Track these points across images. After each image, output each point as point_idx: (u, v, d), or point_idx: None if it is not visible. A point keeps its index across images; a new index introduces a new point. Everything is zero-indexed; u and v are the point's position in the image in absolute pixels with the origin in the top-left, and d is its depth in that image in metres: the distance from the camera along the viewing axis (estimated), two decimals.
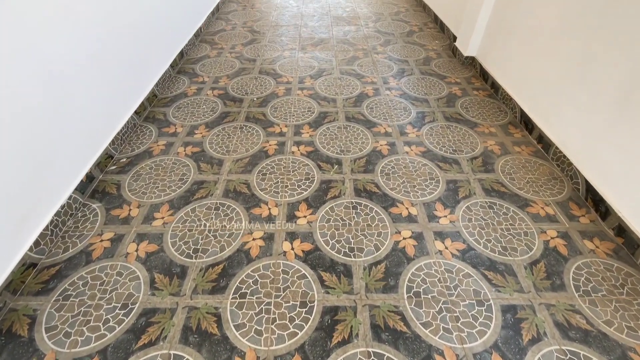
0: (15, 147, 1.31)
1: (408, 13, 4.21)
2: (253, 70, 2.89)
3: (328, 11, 4.23)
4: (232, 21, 3.91)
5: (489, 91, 2.64)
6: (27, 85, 1.36)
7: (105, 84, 1.90)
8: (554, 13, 1.97)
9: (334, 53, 3.20)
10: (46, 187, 1.49)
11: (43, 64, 1.44)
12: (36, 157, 1.43)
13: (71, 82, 1.62)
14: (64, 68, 1.57)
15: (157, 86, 2.50)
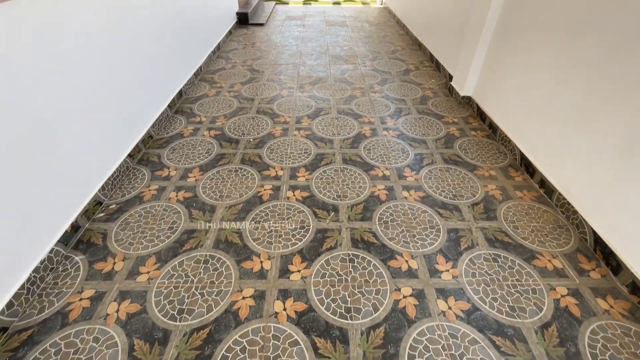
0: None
1: (404, 52, 4.32)
2: (251, 110, 2.90)
3: (326, 50, 4.35)
4: (233, 60, 4.00)
5: (487, 132, 2.63)
6: (13, 131, 1.32)
7: (99, 129, 1.88)
8: (549, 62, 1.98)
9: (331, 92, 3.23)
10: (27, 241, 1.41)
11: (31, 110, 1.42)
12: (20, 210, 1.37)
13: (62, 129, 1.59)
14: (54, 115, 1.55)
15: (153, 127, 2.50)
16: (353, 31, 5.15)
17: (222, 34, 4.48)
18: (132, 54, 2.23)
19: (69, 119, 1.64)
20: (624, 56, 1.50)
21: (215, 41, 4.16)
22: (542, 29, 2.05)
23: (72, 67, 1.67)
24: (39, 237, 1.48)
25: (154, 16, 2.54)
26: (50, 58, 1.52)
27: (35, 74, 1.43)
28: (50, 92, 1.52)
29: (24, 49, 1.37)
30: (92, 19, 1.84)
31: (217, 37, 4.26)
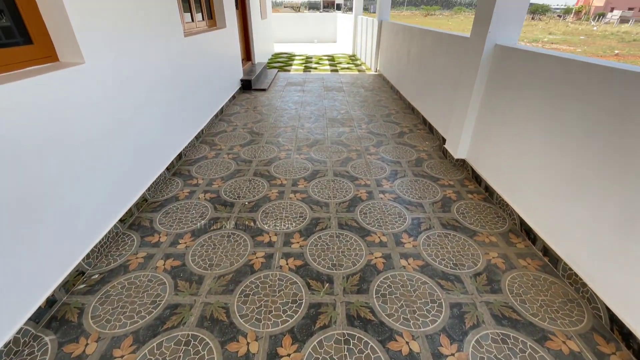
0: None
1: (398, 115, 4.53)
2: (248, 172, 2.93)
3: (324, 113, 4.57)
4: (234, 123, 4.18)
5: (484, 194, 2.62)
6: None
7: (92, 195, 1.87)
8: (537, 133, 2.05)
9: (328, 154, 3.31)
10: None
11: (15, 186, 1.41)
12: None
13: (51, 195, 1.58)
14: (43, 180, 1.54)
15: (149, 190, 2.50)
16: (349, 96, 5.47)
17: (226, 99, 4.76)
18: (137, 119, 2.32)
19: (58, 185, 1.64)
20: (607, 131, 1.54)
21: (219, 105, 4.40)
22: (526, 104, 2.15)
23: (71, 134, 1.72)
24: (8, 315, 1.37)
25: (162, 82, 2.71)
26: (56, 126, 1.57)
27: (28, 144, 1.46)
28: (45, 158, 1.54)
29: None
30: (96, 87, 1.94)
31: (221, 102, 4.51)
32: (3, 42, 1.56)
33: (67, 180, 1.69)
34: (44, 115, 1.54)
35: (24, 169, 1.43)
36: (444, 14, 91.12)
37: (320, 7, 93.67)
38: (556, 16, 76.55)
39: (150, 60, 2.55)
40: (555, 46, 20.34)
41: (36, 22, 1.67)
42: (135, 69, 2.33)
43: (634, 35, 27.03)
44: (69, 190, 1.69)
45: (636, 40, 23.83)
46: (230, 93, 5.02)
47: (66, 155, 1.68)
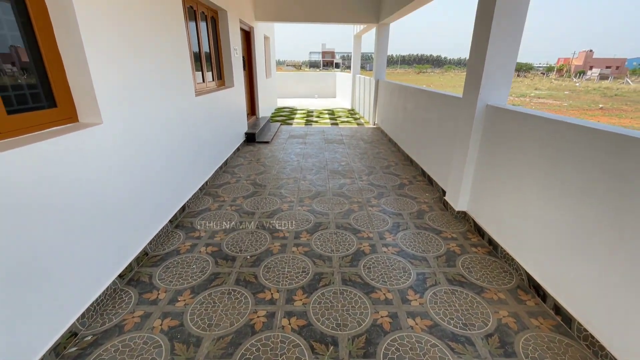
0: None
1: (397, 167, 4.66)
2: (250, 224, 2.94)
3: (325, 165, 4.70)
4: (238, 174, 4.28)
5: (488, 248, 2.60)
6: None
7: (93, 252, 1.86)
8: (535, 188, 2.11)
9: (330, 206, 3.34)
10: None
11: (16, 244, 1.41)
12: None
13: (49, 253, 1.57)
14: (37, 236, 1.54)
15: (150, 244, 2.48)
16: (350, 148, 5.68)
17: (230, 151, 4.93)
18: (145, 175, 2.40)
19: (59, 242, 1.64)
20: (603, 188, 1.59)
21: (224, 157, 4.54)
22: (521, 160, 2.25)
23: (80, 190, 1.76)
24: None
25: (172, 139, 2.84)
26: (48, 180, 1.62)
27: (26, 205, 1.50)
28: (52, 214, 1.57)
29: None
30: (110, 146, 2.03)
31: (226, 154, 4.67)
32: (31, 107, 1.68)
33: (70, 236, 1.70)
34: (58, 172, 1.61)
35: (29, 226, 1.45)
36: (435, 71, 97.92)
37: (320, 65, 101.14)
38: (540, 73, 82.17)
39: (162, 119, 2.71)
40: (543, 100, 21.54)
41: (62, 88, 1.82)
42: (147, 128, 2.46)
43: (615, 91, 28.80)
44: (70, 248, 1.69)
45: (618, 95, 25.32)
46: (235, 146, 5.21)
47: (72, 211, 1.71)
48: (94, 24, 1.85)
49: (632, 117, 15.31)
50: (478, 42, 2.66)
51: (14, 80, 1.62)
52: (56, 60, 1.77)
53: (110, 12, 2.01)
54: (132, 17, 2.25)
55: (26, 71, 1.68)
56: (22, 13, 1.61)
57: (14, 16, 1.59)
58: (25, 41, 1.64)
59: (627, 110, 17.55)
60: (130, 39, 2.22)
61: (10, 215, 1.35)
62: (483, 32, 2.57)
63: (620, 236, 1.50)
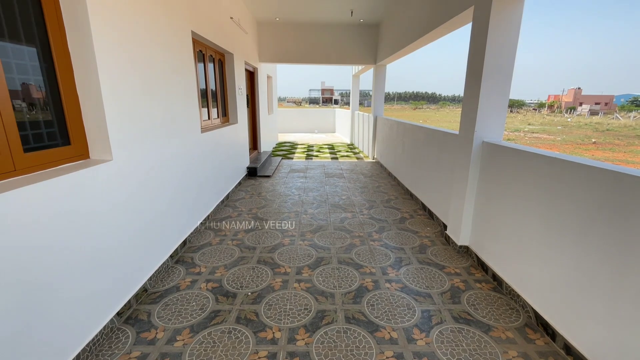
0: None
1: (398, 201, 4.69)
2: (251, 260, 2.91)
3: (326, 199, 4.74)
4: (239, 208, 4.30)
5: (492, 284, 2.56)
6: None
7: (93, 290, 1.84)
8: (535, 224, 2.13)
9: (331, 240, 3.33)
10: None
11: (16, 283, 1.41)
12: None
13: (46, 290, 1.55)
14: (38, 279, 1.53)
15: (150, 280, 2.44)
16: (350, 182, 5.75)
17: (232, 185, 4.99)
18: (150, 209, 2.42)
19: (57, 278, 1.63)
20: (603, 223, 1.62)
21: (225, 192, 4.59)
22: (519, 195, 2.30)
23: (86, 227, 1.78)
24: None
25: (176, 174, 2.90)
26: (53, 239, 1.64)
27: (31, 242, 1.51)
28: (57, 249, 1.57)
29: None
30: (118, 181, 2.08)
31: (228, 188, 4.72)
32: (46, 144, 1.75)
33: (71, 276, 1.69)
34: (66, 209, 1.64)
35: (31, 267, 1.45)
36: (430, 107, 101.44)
37: (319, 102, 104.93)
38: (532, 109, 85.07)
39: (169, 155, 2.79)
40: (537, 135, 22.10)
41: (78, 127, 1.91)
42: (154, 164, 2.53)
43: (606, 126, 29.66)
44: (70, 286, 1.68)
45: (609, 130, 26.05)
46: (237, 180, 5.29)
47: (75, 249, 1.72)
48: (112, 69, 1.98)
49: (625, 150, 15.66)
50: (471, 82, 2.82)
51: (33, 119, 1.70)
52: (74, 101, 1.87)
53: (129, 58, 2.16)
54: (148, 61, 2.41)
55: (45, 111, 1.77)
56: (46, 58, 1.74)
57: (39, 61, 1.71)
58: (47, 83, 1.76)
59: (620, 144, 18.00)
60: (145, 82, 2.36)
61: (15, 255, 1.36)
62: (475, 72, 2.74)
63: (624, 272, 1.50)
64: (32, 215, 1.43)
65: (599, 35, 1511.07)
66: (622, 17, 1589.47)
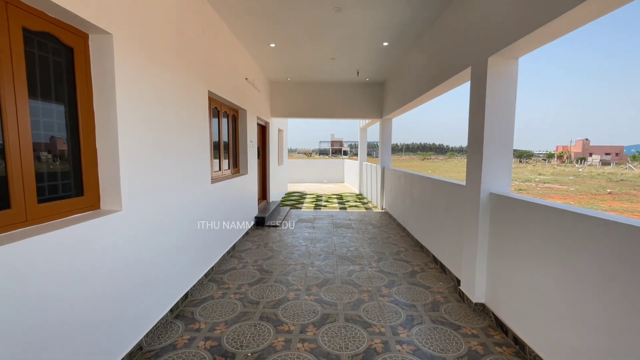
0: None
1: (408, 253, 4.54)
2: (254, 316, 2.77)
3: (334, 250, 4.62)
4: (245, 259, 4.22)
5: (514, 348, 2.34)
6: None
7: (87, 346, 1.75)
8: (554, 277, 2.01)
9: (338, 295, 3.17)
10: None
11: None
12: None
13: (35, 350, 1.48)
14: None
15: (147, 336, 2.33)
16: (358, 233, 5.65)
17: (239, 235, 4.96)
18: (154, 262, 2.40)
19: (48, 336, 1.57)
20: (622, 279, 1.51)
21: (232, 242, 4.55)
22: (532, 248, 2.20)
23: (80, 281, 1.76)
24: None
25: (183, 225, 2.91)
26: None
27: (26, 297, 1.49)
28: (48, 300, 1.54)
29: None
30: (125, 232, 2.10)
31: (234, 238, 4.68)
32: (60, 195, 1.82)
33: (65, 332, 1.63)
34: (70, 261, 1.64)
35: (29, 319, 1.42)
36: (438, 158, 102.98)
37: (329, 153, 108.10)
38: (541, 160, 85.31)
39: (177, 206, 2.84)
40: (549, 185, 21.82)
41: (92, 179, 1.99)
42: (162, 215, 2.57)
43: (620, 176, 29.22)
44: (62, 346, 1.61)
45: (623, 180, 25.60)
46: (244, 230, 5.26)
47: (74, 302, 1.68)
48: (129, 127, 2.12)
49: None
50: (474, 134, 2.88)
51: (52, 171, 1.79)
52: (92, 155, 1.98)
53: (145, 116, 2.32)
54: (164, 119, 2.58)
55: (64, 164, 1.87)
56: (72, 115, 1.88)
57: (65, 118, 1.85)
58: (70, 138, 1.88)
59: (637, 194, 17.52)
60: (158, 138, 2.51)
61: (19, 305, 1.34)
62: (477, 125, 2.82)
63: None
64: (34, 265, 1.44)
65: (603, 85, 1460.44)
66: (623, 64, 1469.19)
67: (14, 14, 1.51)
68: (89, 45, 1.96)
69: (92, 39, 1.95)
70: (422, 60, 4.71)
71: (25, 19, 1.57)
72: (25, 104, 1.57)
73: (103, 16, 1.89)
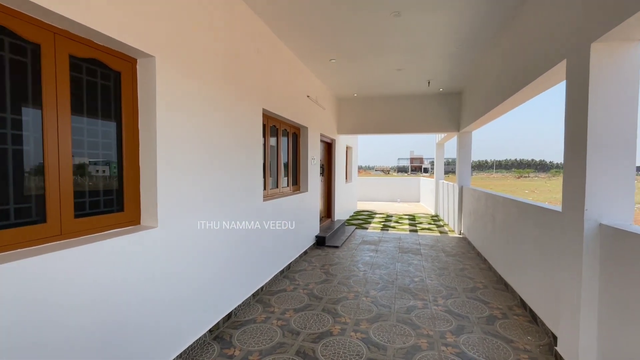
0: None
1: (487, 291, 3.74)
2: (290, 349, 2.51)
3: (394, 279, 4.11)
4: (297, 281, 4.03)
5: None
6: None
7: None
8: None
9: (390, 336, 2.70)
10: None
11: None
12: None
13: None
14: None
15: (180, 356, 2.28)
16: (427, 261, 4.97)
17: (296, 254, 4.83)
18: (191, 278, 2.38)
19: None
20: None
21: (287, 261, 4.43)
22: None
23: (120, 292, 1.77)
24: None
25: (229, 242, 2.89)
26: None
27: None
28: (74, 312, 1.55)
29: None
30: (159, 246, 2.10)
31: (290, 257, 4.57)
32: (103, 210, 1.91)
33: (91, 350, 1.63)
34: (105, 274, 1.66)
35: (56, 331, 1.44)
36: (539, 176, 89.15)
37: (408, 170, 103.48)
38: None
39: (220, 223, 2.81)
40: None
41: (134, 196, 2.06)
42: (205, 233, 2.56)
43: None
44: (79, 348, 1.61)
45: None
46: (302, 249, 5.13)
47: (95, 318, 1.69)
48: (169, 149, 2.17)
49: None
50: (572, 147, 2.20)
51: (94, 188, 1.90)
52: (135, 175, 2.07)
53: (188, 138, 2.37)
54: (209, 139, 2.62)
55: (107, 182, 1.97)
56: (118, 136, 1.99)
57: (112, 138, 1.97)
58: (117, 157, 1.99)
59: None
60: (203, 158, 2.54)
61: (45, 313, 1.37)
62: (576, 135, 2.14)
63: None
64: (64, 277, 1.47)
65: None
66: None
67: (61, 43, 1.65)
68: (137, 69, 2.08)
69: (140, 62, 2.07)
70: (500, 64, 4.00)
71: (73, 47, 1.71)
72: (67, 125, 1.68)
73: (148, 41, 1.99)
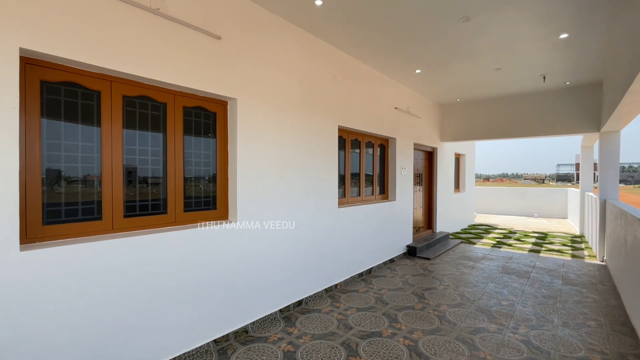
0: None
1: (599, 331, 3.02)
2: (339, 339, 2.84)
3: (477, 299, 3.78)
4: (372, 285, 4.25)
5: None
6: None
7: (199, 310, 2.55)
8: None
9: (438, 350, 2.66)
10: None
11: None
12: None
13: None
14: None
15: (253, 324, 2.96)
16: (532, 286, 4.26)
17: (379, 261, 5.02)
18: (268, 260, 3.07)
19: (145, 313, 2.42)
20: None
21: (367, 266, 4.70)
22: None
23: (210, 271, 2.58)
24: None
25: (301, 243, 3.47)
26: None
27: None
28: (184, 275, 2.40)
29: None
30: (238, 238, 2.86)
31: (372, 263, 4.81)
32: (203, 208, 2.79)
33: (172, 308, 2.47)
34: (198, 248, 2.50)
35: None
36: None
37: (573, 179, 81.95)
38: None
39: (292, 224, 3.42)
40: None
41: (223, 201, 2.89)
42: (273, 231, 3.21)
43: None
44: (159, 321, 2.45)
45: None
46: (388, 256, 5.26)
47: (187, 280, 2.51)
48: (246, 165, 2.91)
49: None
50: None
51: (198, 193, 2.80)
52: (224, 185, 2.90)
53: (262, 156, 3.08)
54: (283, 155, 3.28)
55: (206, 189, 2.86)
56: (214, 157, 2.86)
57: (210, 158, 2.85)
58: (214, 171, 2.86)
59: None
60: (277, 170, 3.21)
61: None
62: None
63: None
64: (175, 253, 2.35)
65: None
66: None
67: (179, 100, 2.59)
68: (227, 108, 2.92)
69: (229, 104, 2.91)
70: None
71: (186, 101, 2.64)
72: (180, 151, 2.61)
73: (233, 89, 2.79)
